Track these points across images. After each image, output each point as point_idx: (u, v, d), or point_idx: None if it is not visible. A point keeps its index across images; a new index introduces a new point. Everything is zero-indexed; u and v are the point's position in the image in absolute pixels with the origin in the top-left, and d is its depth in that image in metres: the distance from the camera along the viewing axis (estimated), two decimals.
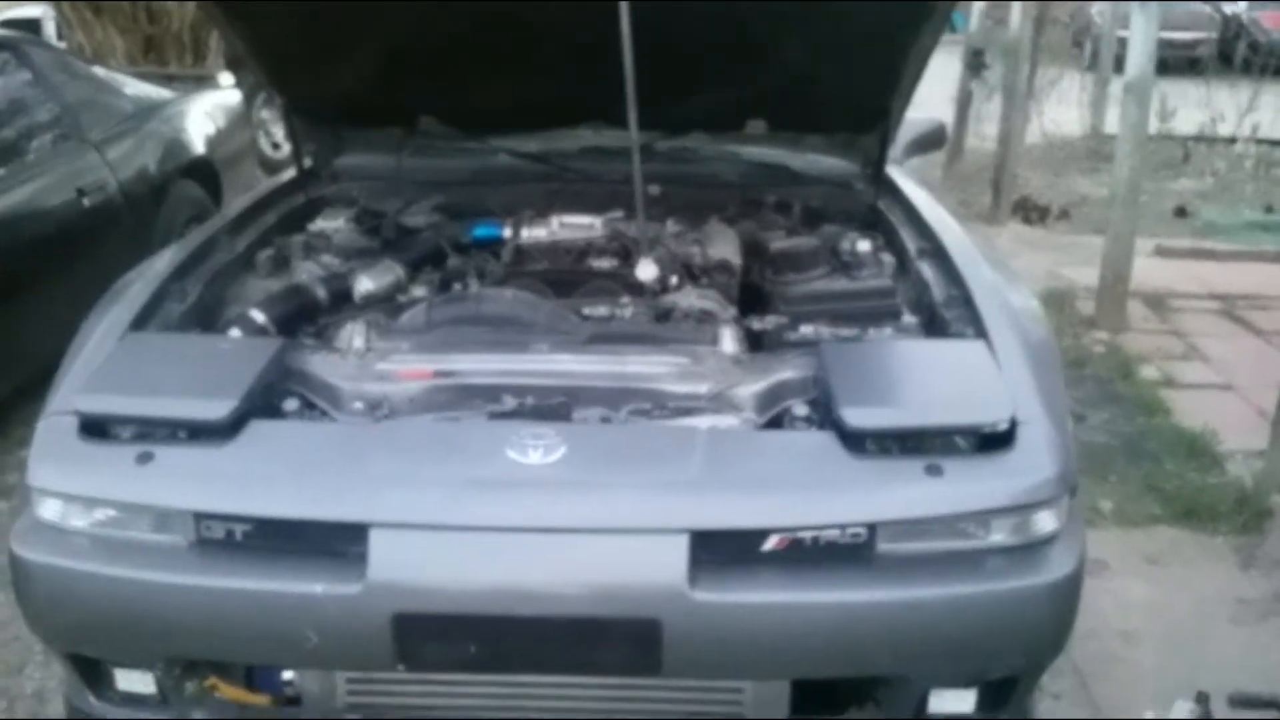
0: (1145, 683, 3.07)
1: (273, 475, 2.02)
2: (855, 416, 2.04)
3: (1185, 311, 5.90)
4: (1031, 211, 7.67)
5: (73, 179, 4.46)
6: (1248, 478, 4.09)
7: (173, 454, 2.05)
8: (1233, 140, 9.51)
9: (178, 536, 2.02)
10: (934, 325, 2.51)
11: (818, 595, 1.95)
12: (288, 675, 2.20)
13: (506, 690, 2.12)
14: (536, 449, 2.01)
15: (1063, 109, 10.21)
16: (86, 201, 4.45)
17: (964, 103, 8.52)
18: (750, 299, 2.75)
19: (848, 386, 2.12)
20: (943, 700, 2.13)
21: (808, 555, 1.97)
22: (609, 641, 1.96)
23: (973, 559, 2.02)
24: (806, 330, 2.51)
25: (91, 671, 2.17)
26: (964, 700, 2.14)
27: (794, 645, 1.97)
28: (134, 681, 2.16)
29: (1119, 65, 7.13)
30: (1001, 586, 2.00)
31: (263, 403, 2.17)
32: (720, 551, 1.95)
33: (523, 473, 1.98)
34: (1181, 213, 7.83)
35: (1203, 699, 2.98)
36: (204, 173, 5.35)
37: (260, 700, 2.22)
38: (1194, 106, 9.64)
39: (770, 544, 1.97)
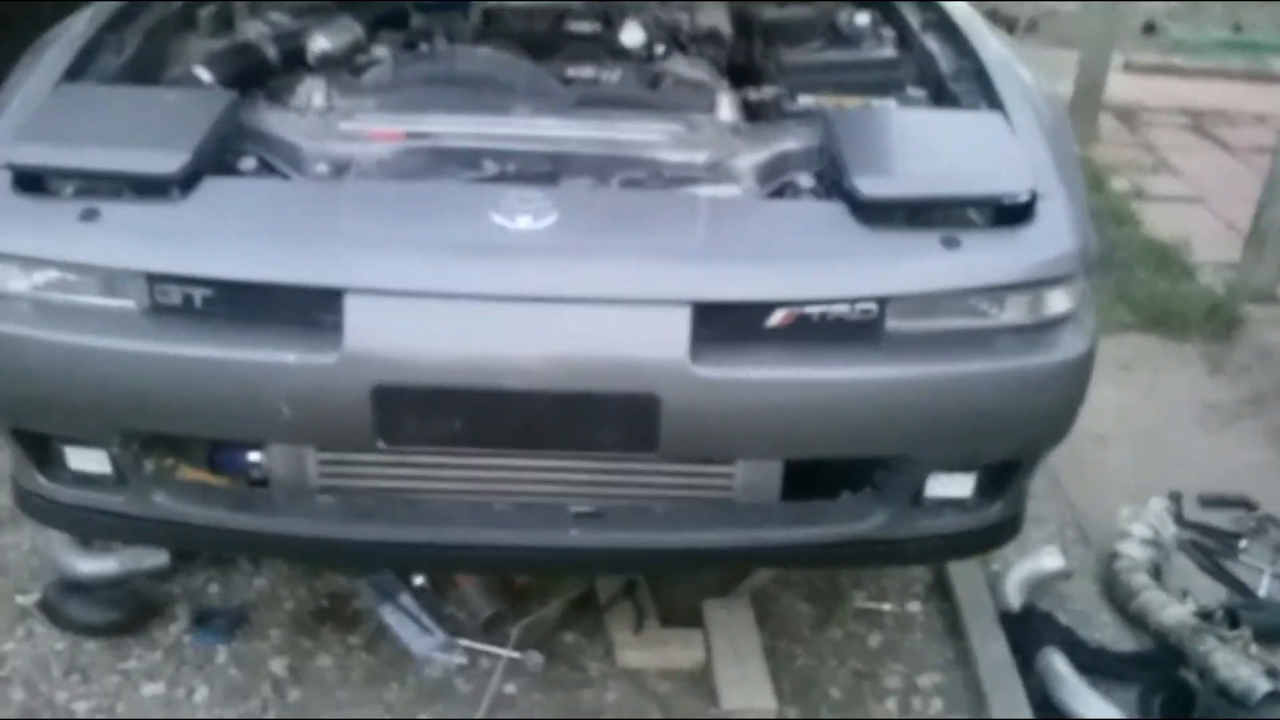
0: (1118, 483, 3.08)
1: (235, 234, 1.83)
2: (868, 185, 1.89)
3: (1154, 126, 5.81)
4: (999, 23, 7.42)
5: None
6: (1218, 287, 4.07)
7: (121, 211, 1.85)
8: None
9: (129, 301, 1.84)
10: (943, 99, 2.34)
11: (824, 372, 1.84)
12: (254, 457, 2.06)
13: (488, 470, 2.01)
14: (525, 214, 1.84)
15: None
16: None
17: None
18: (742, 76, 2.56)
19: (859, 155, 1.96)
20: (940, 485, 2.06)
21: (814, 332, 1.85)
22: (603, 418, 1.84)
23: (983, 337, 1.91)
24: (807, 101, 2.33)
25: (39, 449, 2.01)
26: (962, 485, 2.07)
27: (797, 423, 1.87)
28: (87, 460, 2.00)
29: None
30: (1012, 364, 1.90)
31: (216, 161, 1.97)
32: (723, 325, 1.82)
33: (511, 238, 1.82)
34: (1150, 29, 7.66)
35: (1175, 498, 2.99)
36: None
37: (223, 483, 2.09)
38: None
39: (775, 319, 1.84)
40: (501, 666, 2.42)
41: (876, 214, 1.90)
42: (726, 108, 2.23)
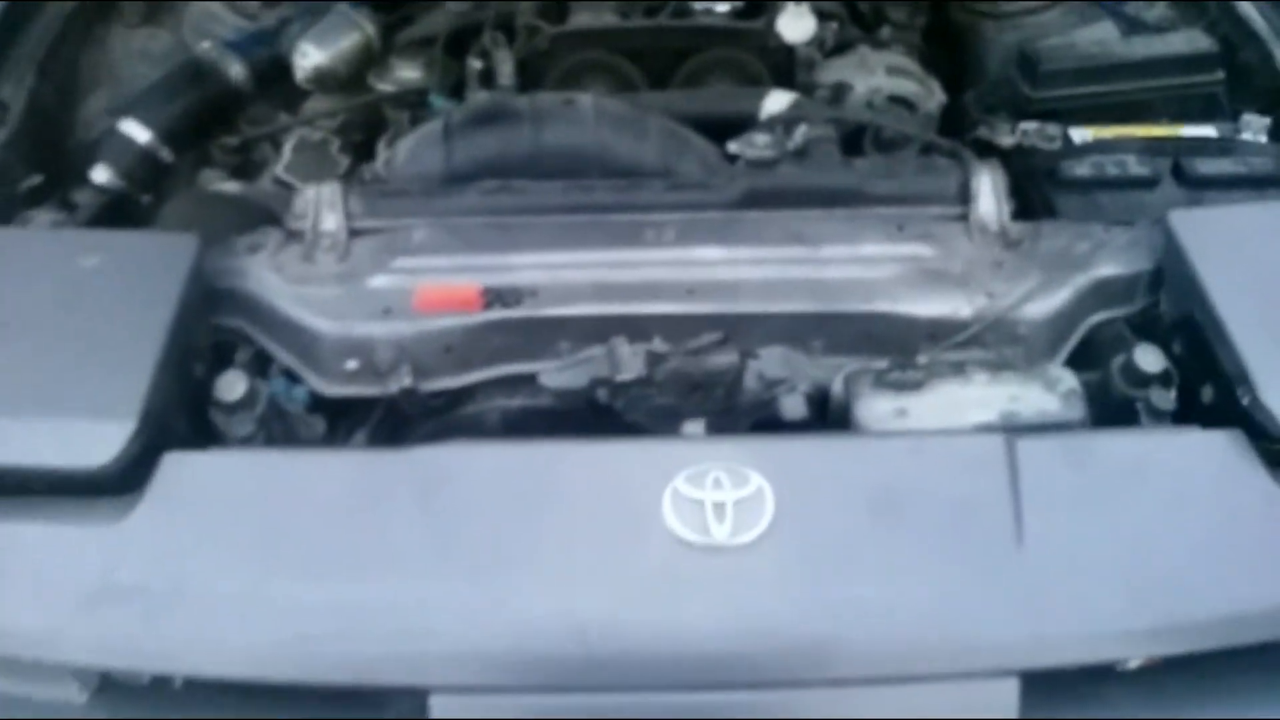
0: None
1: (225, 591, 1.06)
2: None
3: None
4: None
5: None
6: None
7: (29, 545, 1.08)
8: None
9: (67, 688, 1.10)
10: None
11: None
12: None
13: None
14: (719, 510, 1.06)
15: None
16: None
17: None
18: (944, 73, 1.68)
19: (1252, 334, 1.17)
20: None
21: (1188, 664, 1.13)
22: None
23: None
24: (1093, 155, 1.46)
25: None
26: None
27: None
28: None
29: None
30: None
31: (179, 385, 1.17)
32: (1061, 687, 1.08)
33: (702, 570, 1.04)
34: None
35: None
36: None
37: None
38: None
39: (1137, 661, 1.11)
40: None
41: None
42: (989, 198, 1.37)
